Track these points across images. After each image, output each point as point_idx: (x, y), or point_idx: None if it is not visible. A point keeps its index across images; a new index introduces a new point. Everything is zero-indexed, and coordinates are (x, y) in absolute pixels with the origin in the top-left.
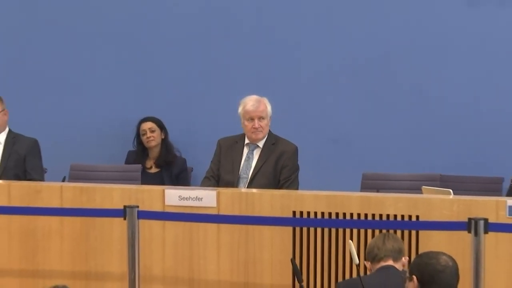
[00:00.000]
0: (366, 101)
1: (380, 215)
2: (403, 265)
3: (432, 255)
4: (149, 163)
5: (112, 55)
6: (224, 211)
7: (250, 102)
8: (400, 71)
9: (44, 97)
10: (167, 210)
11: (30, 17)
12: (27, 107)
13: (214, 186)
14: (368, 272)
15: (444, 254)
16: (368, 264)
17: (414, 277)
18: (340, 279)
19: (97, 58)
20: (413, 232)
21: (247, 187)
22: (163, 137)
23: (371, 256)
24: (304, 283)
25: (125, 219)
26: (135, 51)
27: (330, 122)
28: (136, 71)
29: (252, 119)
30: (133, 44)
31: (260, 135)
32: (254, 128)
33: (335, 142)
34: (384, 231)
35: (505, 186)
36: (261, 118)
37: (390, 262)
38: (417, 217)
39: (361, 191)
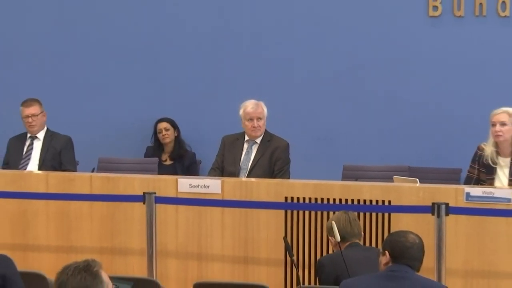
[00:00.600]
0: (346, 105)
1: (358, 200)
2: None
3: (402, 234)
4: (164, 156)
5: (134, 65)
6: (227, 197)
7: (249, 105)
8: (374, 78)
9: (76, 101)
10: (180, 196)
11: (66, 32)
12: (63, 109)
13: (219, 176)
14: (332, 247)
15: (412, 233)
16: (332, 240)
17: (387, 252)
18: (324, 253)
19: (121, 68)
20: (386, 215)
21: (247, 177)
22: (176, 135)
23: (341, 236)
24: (294, 257)
25: (144, 203)
26: (152, 63)
27: (316, 122)
28: (153, 79)
29: (251, 119)
30: (151, 57)
31: (258, 133)
32: (253, 127)
33: (320, 139)
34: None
35: (463, 176)
36: (259, 118)
37: (355, 241)
38: (389, 202)
39: (342, 180)
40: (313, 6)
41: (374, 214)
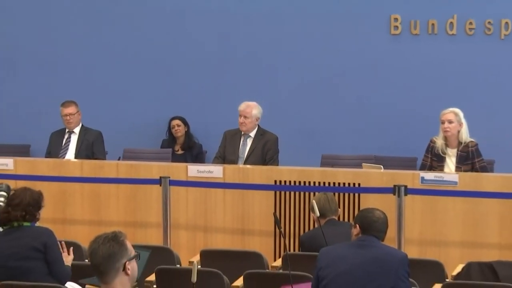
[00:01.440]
0: (324, 106)
1: (334, 183)
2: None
3: (369, 210)
4: (177, 147)
5: (152, 74)
6: (228, 180)
7: (242, 105)
8: (347, 84)
9: (106, 102)
10: (189, 179)
11: (98, 46)
12: (95, 109)
13: (221, 163)
14: (315, 222)
15: (378, 209)
16: (315, 217)
17: (357, 225)
18: (306, 227)
19: (141, 76)
20: (356, 195)
21: (244, 164)
22: (186, 130)
23: (321, 213)
24: (282, 229)
25: (160, 185)
26: (167, 72)
27: (300, 120)
28: (168, 85)
29: (240, 116)
30: (166, 67)
31: (244, 128)
32: (240, 123)
33: (303, 134)
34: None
35: (418, 163)
36: (245, 117)
37: (332, 217)
38: (359, 184)
39: (321, 166)
40: (299, 27)
41: (346, 194)
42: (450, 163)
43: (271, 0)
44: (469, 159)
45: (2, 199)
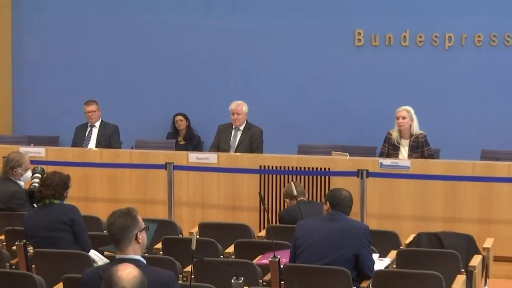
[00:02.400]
0: (300, 105)
1: (308, 168)
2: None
3: (337, 190)
4: (179, 138)
5: (161, 78)
6: (221, 165)
7: (233, 105)
8: (320, 87)
9: (121, 101)
10: (190, 165)
11: (114, 54)
12: (112, 106)
13: (216, 151)
14: (287, 205)
15: (344, 189)
16: (288, 200)
17: (327, 202)
18: (285, 204)
19: (152, 79)
20: (327, 177)
21: (234, 152)
22: (187, 124)
23: (290, 195)
24: (266, 206)
25: (166, 170)
26: (173, 76)
27: (281, 116)
28: (172, 87)
29: (233, 114)
30: (172, 72)
31: (237, 123)
32: (233, 119)
33: (283, 127)
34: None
35: (377, 151)
36: (237, 114)
37: (301, 198)
38: (329, 168)
39: (297, 154)
40: (280, 40)
41: (319, 177)
42: (404, 151)
43: (258, 19)
44: (419, 148)
45: (37, 180)
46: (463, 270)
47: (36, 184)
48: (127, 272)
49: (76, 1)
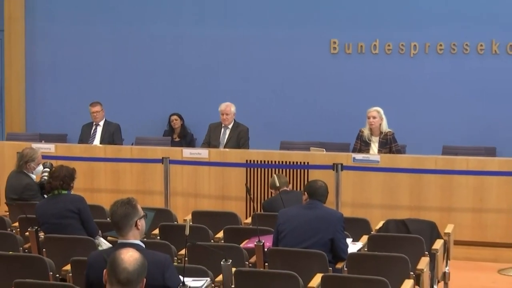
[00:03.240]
0: (282, 104)
1: (289, 162)
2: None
3: (314, 181)
4: (175, 136)
5: (159, 81)
6: (212, 160)
7: (222, 106)
8: (299, 90)
9: (123, 102)
10: (184, 159)
11: (116, 61)
12: (115, 107)
13: (207, 148)
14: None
15: (321, 180)
16: (273, 191)
17: (306, 192)
18: (268, 194)
19: (150, 83)
20: (306, 170)
21: (223, 148)
22: (181, 123)
23: (275, 186)
24: (252, 196)
25: (162, 164)
26: (170, 80)
27: (265, 115)
28: (169, 89)
29: (222, 114)
30: (168, 77)
31: (226, 122)
32: (223, 119)
33: (267, 126)
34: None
35: (351, 147)
36: (226, 114)
37: (284, 188)
38: (308, 162)
39: (279, 150)
40: (264, 48)
41: (299, 170)
42: (374, 147)
43: (245, 30)
44: (388, 144)
45: (46, 174)
46: (427, 252)
47: (46, 177)
48: (129, 255)
49: (83, 12)
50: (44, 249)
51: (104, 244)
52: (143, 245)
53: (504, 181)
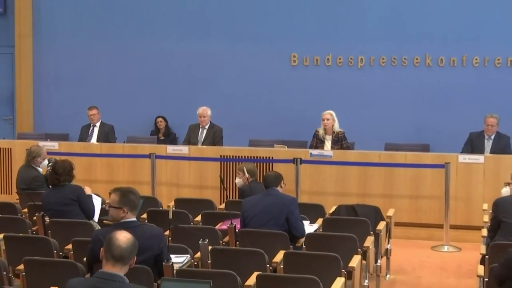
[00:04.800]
0: (250, 108)
1: (257, 157)
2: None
3: (267, 173)
4: (160, 135)
5: (146, 88)
6: (191, 155)
7: (200, 109)
8: (265, 96)
9: (117, 106)
10: (168, 155)
11: (111, 69)
12: (109, 111)
13: (187, 145)
14: (244, 181)
15: (274, 171)
16: (245, 178)
17: (263, 183)
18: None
19: (139, 90)
20: (271, 164)
21: (201, 145)
22: (166, 124)
23: (254, 173)
24: (225, 185)
25: (150, 159)
26: (156, 87)
27: (236, 117)
28: (156, 94)
29: (200, 116)
30: (155, 84)
31: (204, 123)
32: (200, 120)
33: (237, 126)
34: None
35: (308, 144)
36: (203, 116)
37: (255, 178)
38: (272, 157)
39: (248, 146)
40: (233, 59)
41: (265, 164)
42: (328, 144)
43: (219, 45)
44: (339, 142)
45: (51, 167)
46: (372, 232)
47: (50, 171)
48: (123, 236)
49: (83, 31)
50: (49, 231)
51: (97, 226)
52: (138, 223)
53: (436, 172)
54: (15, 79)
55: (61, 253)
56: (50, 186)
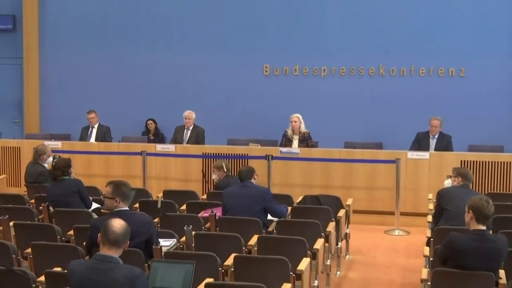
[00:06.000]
0: (228, 111)
1: (234, 154)
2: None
3: (244, 167)
4: (150, 135)
5: (138, 94)
6: (178, 153)
7: (185, 113)
8: (240, 100)
9: (112, 110)
10: (157, 152)
11: (106, 76)
12: (106, 113)
13: (174, 144)
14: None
15: (248, 166)
16: (219, 173)
17: (239, 177)
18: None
19: (133, 96)
20: (246, 160)
21: (186, 144)
22: (155, 125)
23: (226, 169)
24: (207, 179)
25: (141, 156)
26: (147, 94)
27: (215, 119)
28: (146, 99)
29: (185, 118)
30: (145, 90)
31: (188, 125)
32: (186, 122)
33: (217, 127)
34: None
35: (278, 143)
36: (188, 119)
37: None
38: (247, 154)
39: (226, 145)
40: (214, 68)
41: (241, 160)
42: (295, 143)
43: (201, 56)
44: (305, 141)
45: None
46: (333, 219)
47: None
48: (118, 222)
49: (84, 43)
50: (53, 219)
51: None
52: (131, 211)
53: (388, 167)
54: (23, 86)
55: (63, 238)
56: (54, 180)
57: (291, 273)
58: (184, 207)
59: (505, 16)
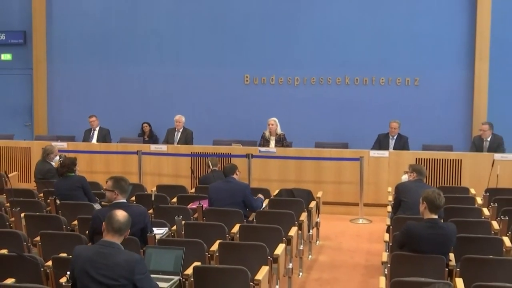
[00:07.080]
0: (213, 116)
1: (219, 153)
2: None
3: (228, 164)
4: (145, 137)
5: (134, 100)
6: (169, 152)
7: (176, 117)
8: (224, 106)
9: (112, 114)
10: (151, 152)
11: (105, 81)
12: (106, 118)
13: (166, 144)
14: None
15: (231, 164)
16: (209, 169)
17: (224, 173)
18: (204, 173)
19: (129, 101)
20: (229, 158)
21: (176, 144)
22: (150, 128)
23: (214, 164)
24: (195, 175)
25: (137, 155)
26: (142, 100)
27: (202, 122)
28: (142, 104)
29: (176, 122)
30: (141, 97)
31: (179, 127)
32: (176, 125)
33: (205, 129)
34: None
35: (257, 143)
36: (179, 122)
37: (215, 168)
38: (230, 153)
39: (212, 145)
40: (201, 81)
41: (225, 158)
42: (272, 143)
43: (189, 68)
44: (281, 142)
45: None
46: (305, 209)
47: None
48: (121, 213)
49: (87, 56)
50: (59, 211)
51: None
52: (128, 203)
53: (353, 164)
54: (33, 94)
55: (69, 228)
56: (60, 177)
57: (269, 257)
58: (175, 199)
59: (455, 33)
